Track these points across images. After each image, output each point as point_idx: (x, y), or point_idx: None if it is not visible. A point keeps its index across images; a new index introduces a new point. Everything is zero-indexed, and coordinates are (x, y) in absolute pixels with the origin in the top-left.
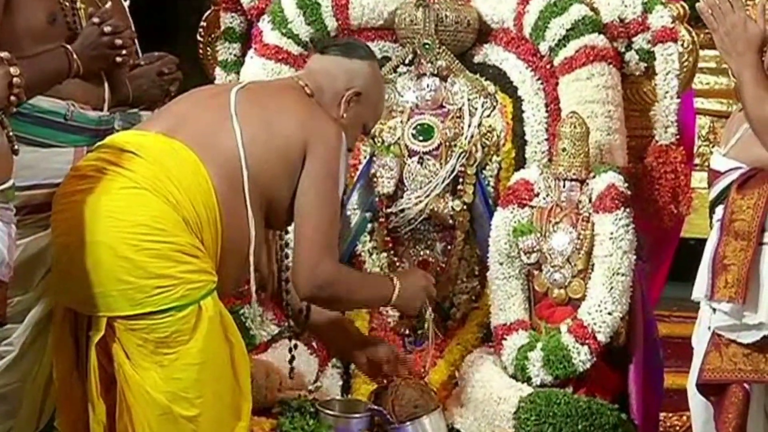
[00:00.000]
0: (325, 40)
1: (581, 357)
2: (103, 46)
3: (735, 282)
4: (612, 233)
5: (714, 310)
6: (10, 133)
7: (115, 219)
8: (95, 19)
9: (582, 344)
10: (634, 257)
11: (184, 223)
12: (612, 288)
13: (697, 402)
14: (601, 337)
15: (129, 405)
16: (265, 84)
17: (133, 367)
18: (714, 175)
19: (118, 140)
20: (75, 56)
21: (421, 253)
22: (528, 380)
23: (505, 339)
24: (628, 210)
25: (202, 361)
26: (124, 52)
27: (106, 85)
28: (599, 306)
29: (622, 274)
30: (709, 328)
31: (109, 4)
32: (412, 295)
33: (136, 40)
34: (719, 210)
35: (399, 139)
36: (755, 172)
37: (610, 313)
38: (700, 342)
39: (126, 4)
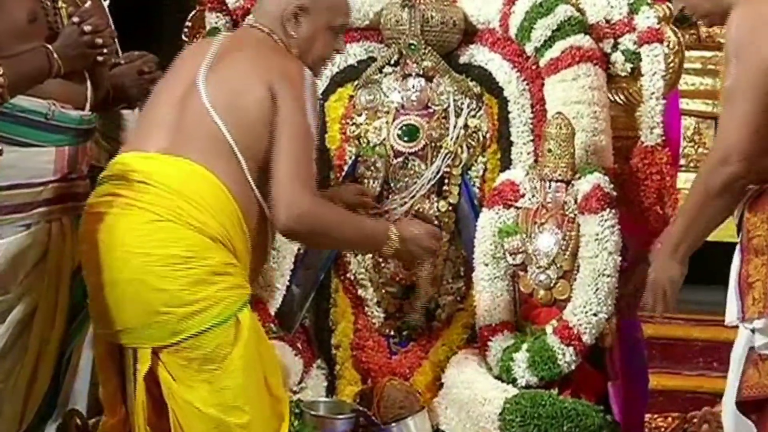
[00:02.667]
0: None
1: (566, 358)
2: (83, 45)
3: (762, 297)
4: (597, 234)
5: (753, 330)
6: None
7: (145, 255)
8: (75, 19)
9: (567, 345)
10: (620, 258)
11: (213, 242)
12: (597, 289)
13: (733, 422)
14: (586, 339)
15: (182, 425)
16: (223, 53)
17: (180, 387)
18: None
19: (126, 169)
20: (56, 56)
21: None
22: (513, 382)
23: (491, 340)
24: (613, 211)
25: (245, 366)
26: (105, 50)
27: (88, 84)
28: (584, 307)
29: (608, 276)
30: (752, 348)
31: (88, 4)
32: (411, 243)
33: (116, 39)
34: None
35: (384, 139)
36: (765, 188)
37: (595, 315)
38: (735, 363)
39: (105, 3)
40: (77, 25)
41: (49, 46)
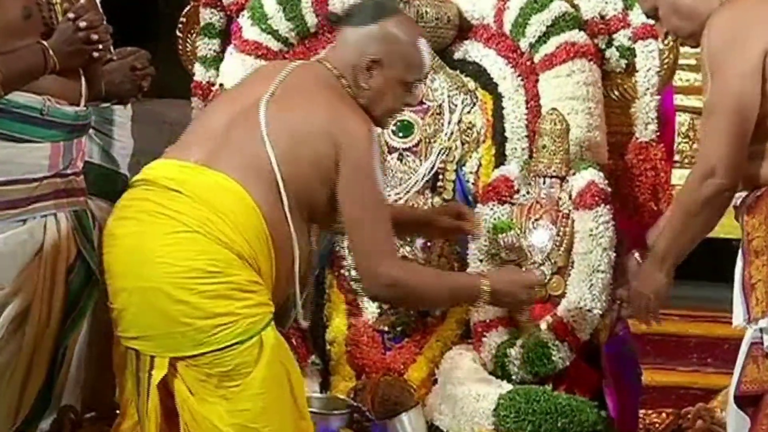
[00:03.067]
0: (343, 10)
1: (561, 354)
2: (78, 42)
3: (764, 297)
4: (592, 230)
5: (761, 330)
6: None
7: (168, 265)
8: (70, 15)
9: (561, 341)
10: (614, 254)
11: (240, 260)
12: (591, 285)
13: (733, 418)
14: (580, 335)
15: None
16: (291, 85)
17: (198, 402)
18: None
19: (160, 175)
20: (51, 52)
21: (401, 249)
22: (508, 377)
23: (485, 336)
24: (608, 207)
25: (267, 390)
26: (100, 47)
27: (83, 80)
28: (579, 303)
29: (602, 271)
30: (754, 344)
31: (83, 0)
32: (503, 296)
33: (110, 35)
34: None
35: (379, 135)
36: (762, 191)
37: (589, 310)
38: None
39: None
40: (72, 22)
41: (45, 43)
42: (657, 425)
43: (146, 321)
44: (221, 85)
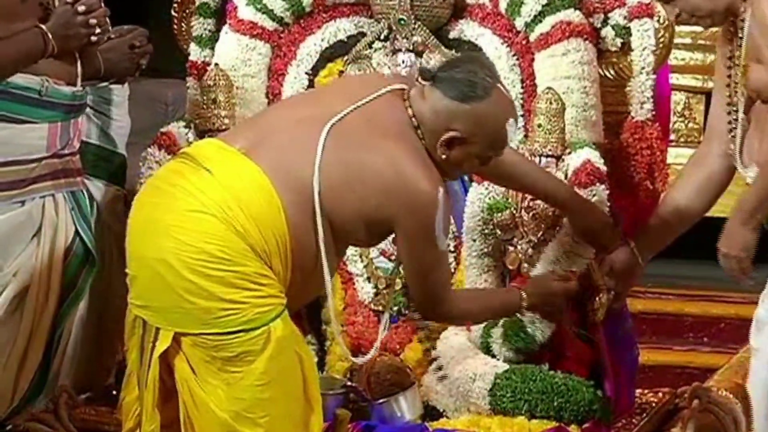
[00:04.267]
0: (443, 64)
1: (536, 325)
2: (77, 26)
3: None
4: None
5: None
6: None
7: (180, 242)
8: None
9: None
10: None
11: (252, 251)
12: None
13: (758, 397)
14: None
15: (192, 421)
16: (366, 117)
17: (198, 383)
18: None
19: (200, 152)
20: (50, 36)
21: None
22: (494, 357)
23: None
24: (603, 186)
25: (267, 382)
26: (98, 30)
27: (78, 63)
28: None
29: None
30: None
31: None
32: (542, 301)
33: (108, 18)
34: None
35: None
36: None
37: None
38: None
39: None
40: (71, 5)
41: (43, 27)
42: (653, 404)
43: (154, 292)
44: (216, 64)
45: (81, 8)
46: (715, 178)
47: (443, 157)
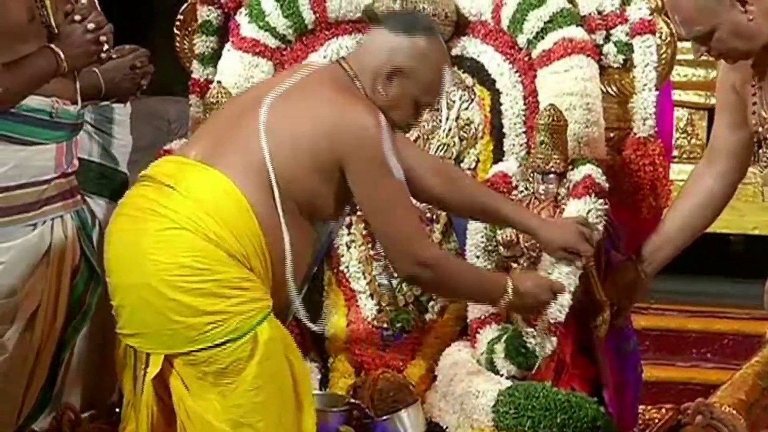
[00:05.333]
0: (382, 13)
1: (537, 341)
2: (87, 44)
3: None
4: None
5: None
6: None
7: (158, 262)
8: (77, 17)
9: (534, 327)
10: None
11: (229, 257)
12: (554, 266)
13: None
14: (553, 318)
15: None
16: (300, 85)
17: (193, 400)
18: None
19: (159, 171)
20: (62, 56)
21: None
22: (498, 373)
23: (479, 333)
24: (601, 200)
25: (259, 385)
26: (105, 47)
27: (77, 80)
28: None
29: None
30: None
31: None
32: (527, 297)
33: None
34: None
35: None
36: None
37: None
38: None
39: None
40: (79, 23)
41: (54, 47)
42: (656, 420)
43: (140, 318)
44: (219, 82)
45: (91, 26)
46: (717, 196)
47: (382, 94)
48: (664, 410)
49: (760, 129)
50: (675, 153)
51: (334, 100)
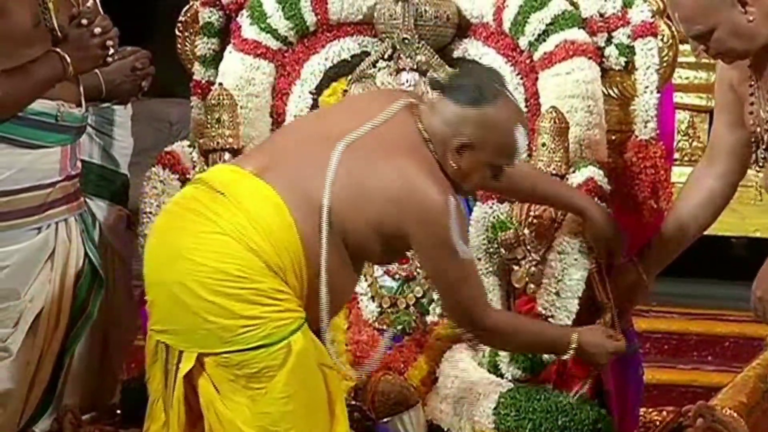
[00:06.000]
0: (451, 74)
1: None
2: (94, 48)
3: None
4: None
5: None
6: None
7: (197, 264)
8: (83, 20)
9: None
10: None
11: (267, 268)
12: (564, 272)
13: None
14: (561, 323)
15: None
16: (378, 136)
17: (224, 402)
18: None
19: (213, 177)
20: (68, 60)
21: None
22: (501, 377)
23: None
24: (602, 203)
25: (290, 394)
26: (111, 51)
27: (80, 82)
28: (556, 292)
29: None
30: None
31: (90, 3)
32: (590, 354)
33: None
34: None
35: None
36: None
37: (565, 299)
38: None
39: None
40: (85, 27)
41: (60, 51)
42: (657, 423)
43: (174, 315)
44: (220, 84)
45: (98, 30)
46: (716, 196)
47: (454, 166)
48: (665, 413)
49: (758, 129)
50: (676, 156)
51: (406, 170)
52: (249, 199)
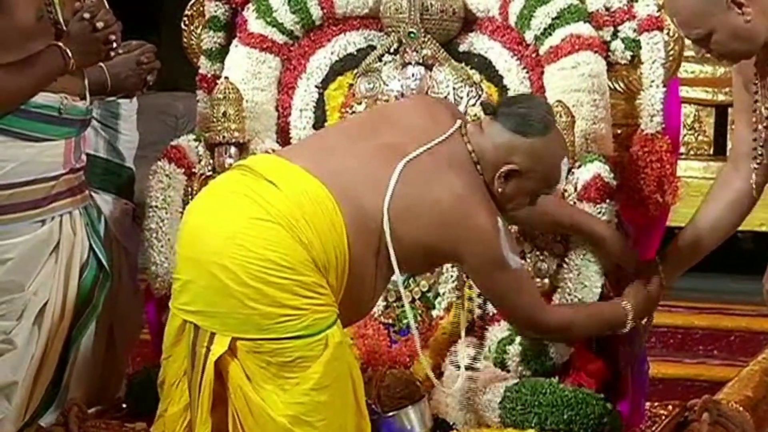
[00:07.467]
0: (505, 100)
1: (559, 350)
2: (97, 42)
3: None
4: None
5: None
6: None
7: (243, 248)
8: (86, 15)
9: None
10: None
11: (313, 263)
12: (585, 276)
13: None
14: None
15: (245, 427)
16: (431, 153)
17: (254, 389)
18: None
19: (260, 165)
20: (70, 53)
21: None
22: (507, 371)
23: (486, 330)
24: (612, 203)
25: (325, 385)
26: (114, 45)
27: (85, 75)
28: (570, 295)
29: (596, 263)
30: None
31: None
32: (645, 311)
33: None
34: None
35: None
36: None
37: (582, 300)
38: None
39: None
40: (88, 21)
41: (62, 45)
42: (663, 417)
43: (211, 297)
44: (226, 78)
45: (100, 24)
46: (743, 196)
47: (499, 190)
48: (670, 407)
49: (760, 126)
50: (682, 149)
51: (458, 193)
52: (302, 193)
